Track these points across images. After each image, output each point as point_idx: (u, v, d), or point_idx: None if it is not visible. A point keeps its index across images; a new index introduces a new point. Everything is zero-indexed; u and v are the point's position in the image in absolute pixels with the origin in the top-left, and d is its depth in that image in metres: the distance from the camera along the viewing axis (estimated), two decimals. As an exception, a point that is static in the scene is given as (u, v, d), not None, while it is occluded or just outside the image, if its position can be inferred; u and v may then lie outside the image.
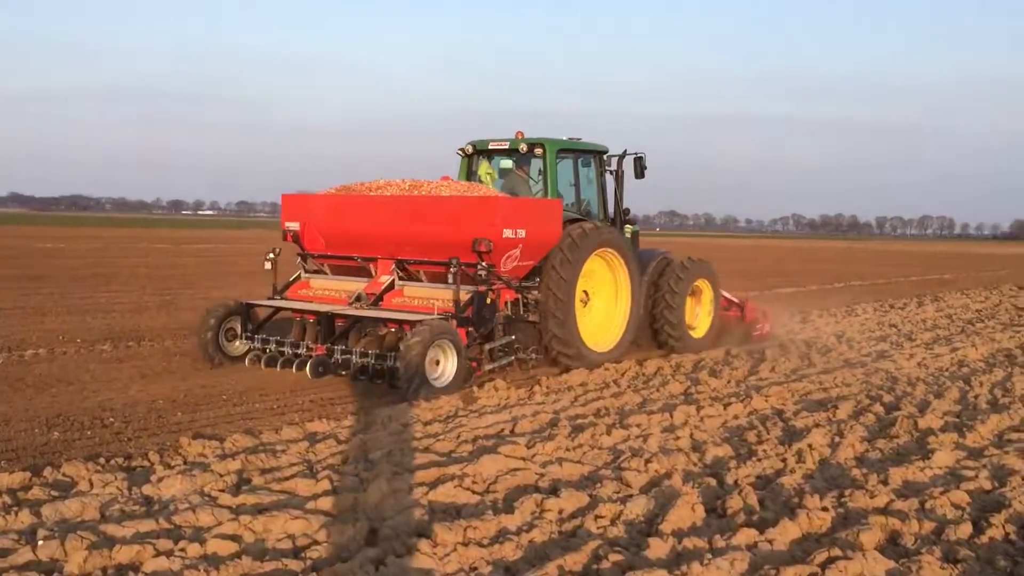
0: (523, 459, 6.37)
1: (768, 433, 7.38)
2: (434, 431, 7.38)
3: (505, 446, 6.60)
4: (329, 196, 10.77)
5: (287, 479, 5.84)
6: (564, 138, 11.53)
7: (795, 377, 10.32)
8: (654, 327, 12.04)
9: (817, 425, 7.71)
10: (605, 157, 12.01)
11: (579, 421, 7.69)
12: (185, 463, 6.31)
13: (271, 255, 10.68)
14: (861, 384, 9.83)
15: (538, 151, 11.14)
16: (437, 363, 8.93)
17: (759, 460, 6.51)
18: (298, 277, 10.92)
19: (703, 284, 12.59)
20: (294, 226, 10.70)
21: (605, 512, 5.25)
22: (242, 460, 6.21)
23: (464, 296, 9.44)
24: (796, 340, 13.40)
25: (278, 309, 10.34)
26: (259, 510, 5.19)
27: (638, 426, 7.52)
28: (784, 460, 6.55)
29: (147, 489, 5.61)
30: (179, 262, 30.32)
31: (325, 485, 5.64)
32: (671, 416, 7.88)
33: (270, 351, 9.66)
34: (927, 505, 5.51)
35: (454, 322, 9.19)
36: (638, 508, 5.32)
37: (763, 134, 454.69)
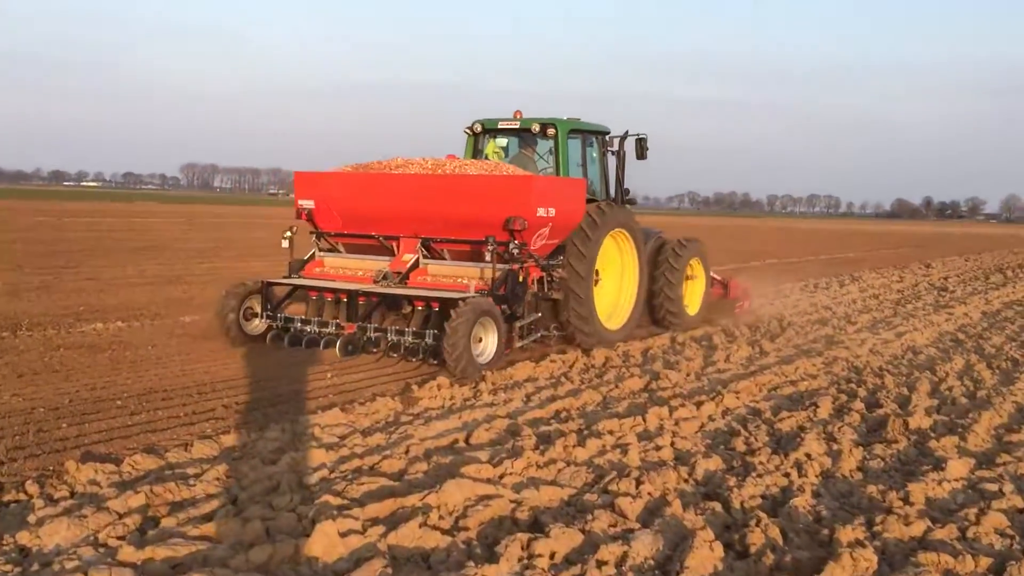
0: (491, 482, 5.36)
1: (756, 440, 6.58)
2: (376, 442, 6.30)
3: (467, 465, 5.58)
4: (349, 174, 10.58)
5: (206, 518, 4.69)
6: (564, 118, 11.29)
7: (754, 368, 9.61)
8: (652, 305, 12.12)
9: (803, 428, 6.97)
10: (607, 137, 11.99)
11: (542, 428, 6.71)
12: (72, 495, 5.09)
13: (288, 233, 10.51)
14: (826, 376, 9.20)
15: (550, 131, 11.08)
16: (479, 340, 8.96)
17: (759, 476, 5.67)
18: (312, 255, 10.69)
19: (696, 263, 12.75)
20: (308, 204, 10.47)
21: (607, 556, 4.29)
22: (146, 492, 5.00)
23: (497, 274, 9.39)
24: (739, 325, 12.78)
25: (296, 288, 10.11)
26: (174, 568, 4.06)
27: (611, 433, 6.61)
28: (787, 475, 5.74)
29: (23, 537, 4.38)
30: (62, 237, 27.85)
31: (256, 528, 4.51)
32: (643, 420, 6.99)
33: (294, 330, 9.58)
34: (969, 533, 4.77)
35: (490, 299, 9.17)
36: (645, 549, 4.39)
37: (662, 112, 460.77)
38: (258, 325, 9.95)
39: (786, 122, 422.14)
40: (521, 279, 9.60)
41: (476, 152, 11.77)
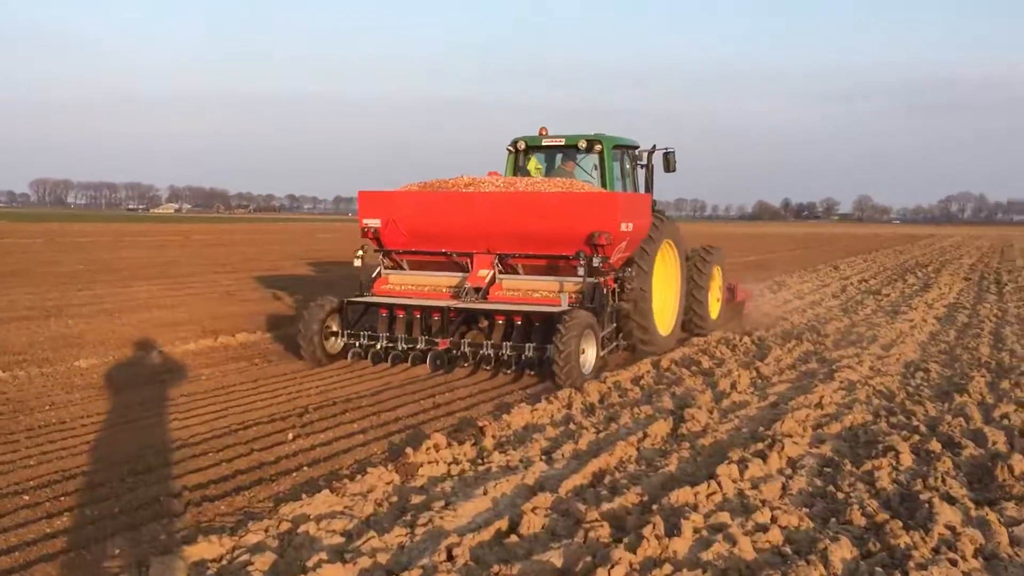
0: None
1: (868, 506, 5.31)
2: (398, 541, 4.71)
3: (552, 580, 4.09)
4: (423, 193, 10.58)
5: None
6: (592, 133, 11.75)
7: (773, 398, 8.48)
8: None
9: (906, 484, 5.78)
10: (636, 152, 12.57)
11: (604, 507, 5.24)
12: None
13: (360, 252, 10.87)
14: (862, 406, 8.11)
15: (597, 147, 11.59)
16: (583, 351, 9.20)
17: (921, 568, 4.40)
18: (379, 273, 10.96)
19: (716, 271, 13.11)
20: (374, 223, 10.56)
21: None
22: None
23: (578, 287, 9.94)
24: (746, 327, 12.12)
25: (369, 305, 10.48)
26: None
27: (693, 508, 5.18)
28: (952, 562, 4.49)
29: None
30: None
31: None
32: (718, 486, 5.63)
33: (380, 346, 10.01)
34: None
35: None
36: None
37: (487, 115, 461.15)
38: (336, 344, 10.24)
39: (653, 128, 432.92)
40: (604, 292, 10.00)
41: (517, 169, 12.19)
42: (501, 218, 9.97)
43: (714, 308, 13.21)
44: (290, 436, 7.06)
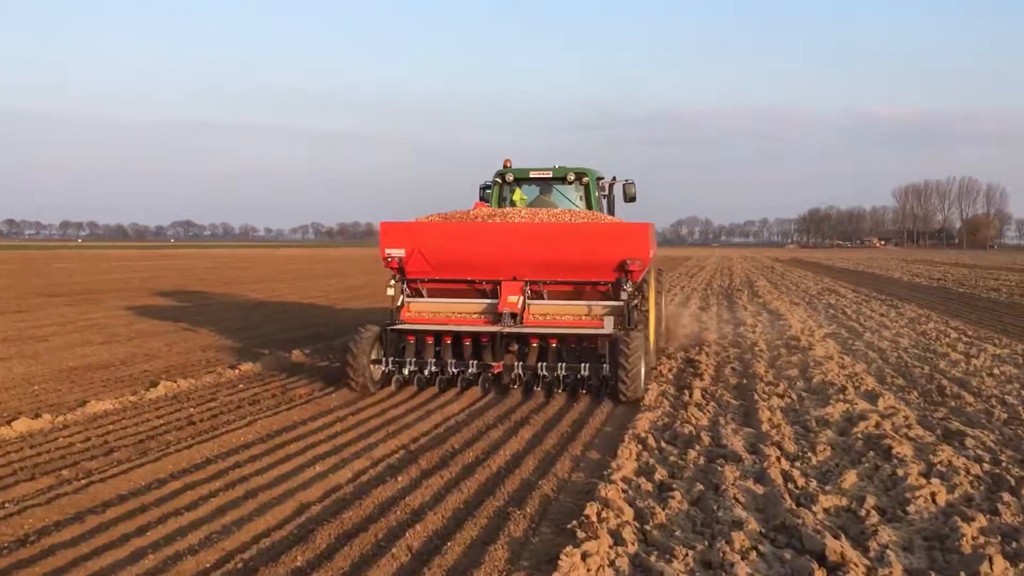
0: None
1: None
2: None
3: None
4: (450, 224, 10.89)
5: None
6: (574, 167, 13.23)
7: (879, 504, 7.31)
8: None
9: None
10: (603, 182, 13.74)
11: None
12: None
13: (393, 281, 10.92)
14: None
15: (584, 179, 13.01)
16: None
17: None
18: (402, 302, 11.05)
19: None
20: (398, 252, 10.71)
21: None
22: None
23: (609, 311, 10.51)
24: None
25: (405, 332, 10.75)
26: None
27: None
28: None
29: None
30: None
31: None
32: None
33: (428, 372, 10.48)
34: None
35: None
36: None
37: (274, 144, 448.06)
38: (376, 370, 10.53)
39: (403, 152, 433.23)
40: (635, 314, 10.83)
41: (502, 199, 13.26)
42: (533, 247, 10.44)
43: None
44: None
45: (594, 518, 5.72)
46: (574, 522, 5.63)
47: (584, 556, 5.05)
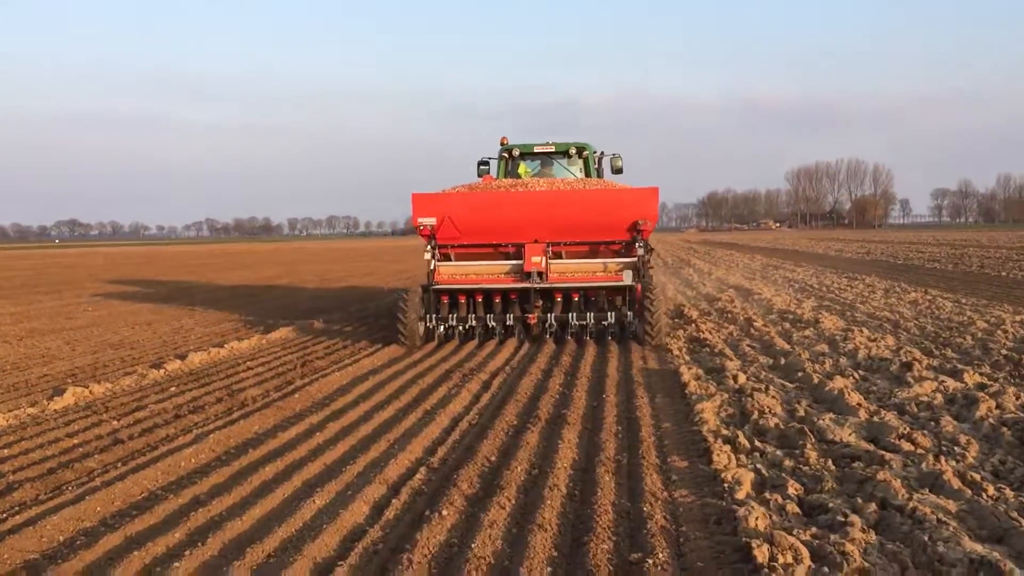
0: None
1: None
2: None
3: None
4: (479, 194, 11.79)
5: None
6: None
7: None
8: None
9: None
10: (596, 156, 14.87)
11: None
12: None
13: (429, 246, 11.70)
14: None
15: (584, 153, 14.43)
16: None
17: None
18: (433, 266, 11.78)
19: None
20: (430, 221, 11.55)
21: None
22: None
23: (622, 267, 11.60)
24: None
25: (441, 292, 11.79)
26: None
27: None
28: None
29: None
30: None
31: None
32: None
33: (468, 326, 11.74)
34: None
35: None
36: None
37: (166, 137, 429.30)
38: (421, 327, 11.48)
39: (301, 145, 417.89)
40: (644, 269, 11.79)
41: (507, 172, 14.47)
42: (555, 212, 11.40)
43: None
44: None
45: (763, 561, 3.90)
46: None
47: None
